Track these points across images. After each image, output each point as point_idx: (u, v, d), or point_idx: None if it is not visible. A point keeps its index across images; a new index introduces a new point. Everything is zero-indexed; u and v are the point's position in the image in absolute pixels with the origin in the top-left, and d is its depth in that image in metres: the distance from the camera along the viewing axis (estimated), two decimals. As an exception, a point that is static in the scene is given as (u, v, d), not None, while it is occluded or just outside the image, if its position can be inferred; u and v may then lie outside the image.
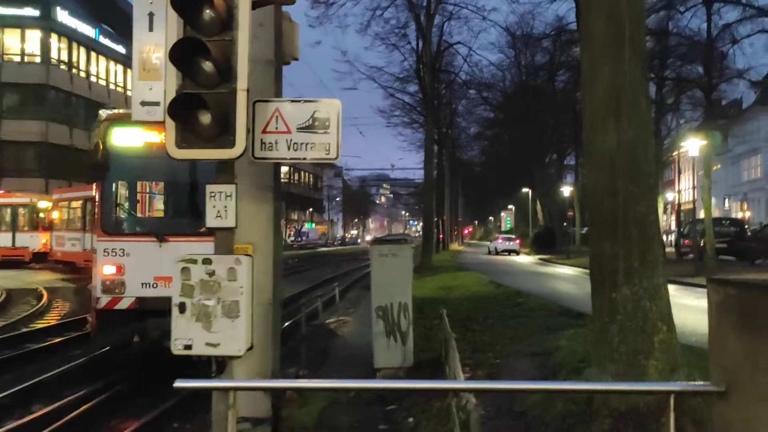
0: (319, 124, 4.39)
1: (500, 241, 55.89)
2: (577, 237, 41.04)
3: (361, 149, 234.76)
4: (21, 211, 33.28)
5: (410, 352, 8.08)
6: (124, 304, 8.89)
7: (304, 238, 69.92)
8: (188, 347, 4.15)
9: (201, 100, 3.90)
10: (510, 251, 51.35)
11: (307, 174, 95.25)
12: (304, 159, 4.41)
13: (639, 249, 4.61)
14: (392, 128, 52.12)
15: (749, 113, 53.65)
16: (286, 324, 13.47)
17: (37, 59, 46.42)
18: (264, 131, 4.39)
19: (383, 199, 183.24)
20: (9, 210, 33.18)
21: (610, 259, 4.80)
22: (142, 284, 8.86)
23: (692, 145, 24.53)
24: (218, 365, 4.34)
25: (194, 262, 4.16)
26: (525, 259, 44.49)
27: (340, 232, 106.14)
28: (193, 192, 9.37)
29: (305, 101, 4.48)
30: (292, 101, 4.50)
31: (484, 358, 8.05)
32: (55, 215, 29.76)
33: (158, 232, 9.05)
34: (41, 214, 32.60)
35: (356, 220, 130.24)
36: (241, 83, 4.03)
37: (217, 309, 4.16)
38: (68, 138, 47.34)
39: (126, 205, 9.94)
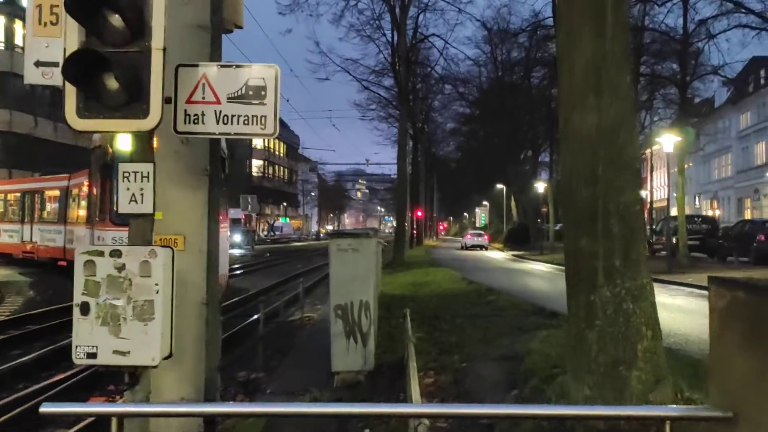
0: (254, 94, 3.75)
1: (469, 237, 57.72)
2: (551, 233, 40.83)
3: (336, 143, 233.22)
4: None
5: (371, 355, 7.48)
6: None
7: (277, 232, 68.90)
8: (92, 356, 3.49)
9: (104, 60, 3.23)
10: (479, 246, 53.07)
11: (281, 168, 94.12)
12: (236, 134, 3.76)
13: (621, 245, 4.04)
14: (368, 122, 51.52)
15: (720, 112, 54.09)
16: (247, 322, 12.86)
17: (1, 46, 44.87)
18: (189, 101, 3.74)
19: (359, 194, 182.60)
20: None
21: (589, 256, 4.22)
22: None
23: (667, 142, 24.29)
24: (131, 377, 3.68)
25: (100, 254, 3.50)
26: (499, 255, 44.22)
27: (315, 227, 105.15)
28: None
29: (237, 66, 3.84)
30: (222, 66, 3.85)
31: (450, 361, 7.48)
32: None
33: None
34: None
35: (332, 215, 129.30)
36: (157, 41, 3.37)
37: (128, 310, 3.50)
38: (33, 127, 45.89)
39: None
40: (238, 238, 51.10)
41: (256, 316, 10.96)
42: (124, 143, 7.77)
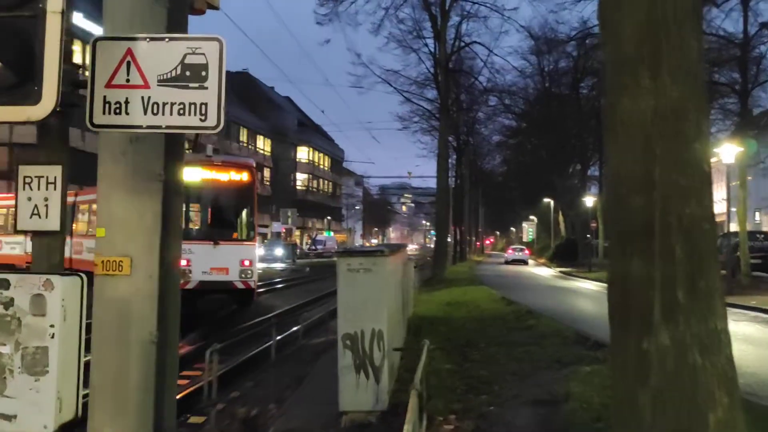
0: (192, 75, 2.89)
1: (510, 251, 58.80)
2: (600, 249, 39.05)
3: (376, 155, 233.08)
4: None
5: (385, 392, 6.50)
6: (191, 285, 13.86)
7: (320, 246, 68.42)
8: (-32, 419, 2.64)
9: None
10: (520, 261, 53.59)
11: (325, 182, 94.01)
12: (168, 128, 2.89)
13: (686, 271, 2.94)
14: (410, 135, 50.63)
15: (784, 123, 51.18)
16: (268, 344, 12.04)
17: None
18: (109, 84, 2.90)
19: (404, 208, 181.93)
20: None
21: (641, 284, 3.10)
22: (202, 272, 14.12)
23: (727, 153, 22.60)
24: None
25: (-18, 285, 2.65)
26: (545, 272, 42.61)
27: (359, 241, 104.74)
28: (232, 210, 15.55)
29: (171, 39, 2.97)
30: (152, 39, 2.99)
31: (477, 402, 6.45)
32: None
33: (213, 237, 14.47)
34: None
35: (376, 229, 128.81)
36: (54, 2, 2.52)
37: (15, 360, 2.65)
38: (81, 141, 46.67)
39: (190, 218, 14.76)
40: (279, 251, 50.79)
41: (269, 342, 10.12)
42: (186, 174, 10.14)
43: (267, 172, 74.29)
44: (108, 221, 3.77)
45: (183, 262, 11.60)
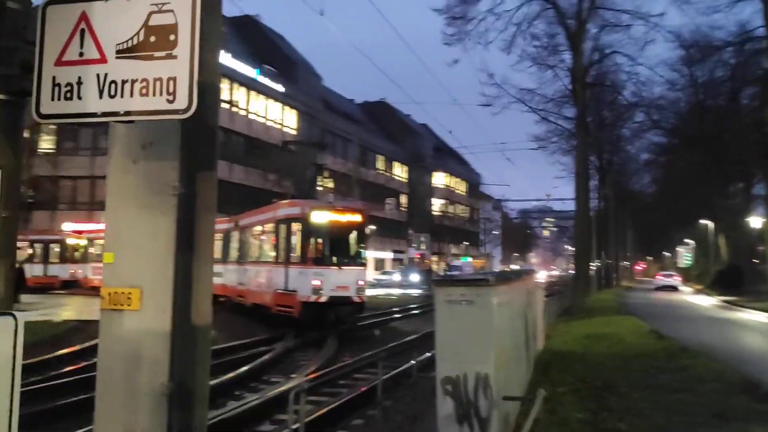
0: (159, 40, 2.19)
1: (659, 277, 55.51)
2: (771, 276, 34.63)
3: (510, 177, 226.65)
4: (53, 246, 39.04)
5: (493, 450, 5.40)
6: (322, 299, 18.04)
7: (456, 272, 67.27)
8: None
9: None
10: (669, 287, 50.54)
11: (461, 206, 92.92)
12: (126, 114, 2.16)
13: None
14: (548, 156, 48.27)
15: None
16: (391, 373, 11.25)
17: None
18: (59, 61, 2.24)
19: (546, 232, 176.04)
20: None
21: None
22: (330, 289, 18.10)
23: None
24: None
25: None
26: (703, 301, 38.48)
27: (498, 267, 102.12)
28: (350, 243, 19.43)
29: (132, -4, 2.25)
30: (110, -2, 2.28)
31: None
32: (92, 249, 35.03)
33: (338, 264, 18.58)
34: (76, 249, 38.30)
35: (516, 254, 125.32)
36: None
37: None
38: (228, 173, 49.29)
39: (321, 249, 19.04)
40: (415, 277, 50.33)
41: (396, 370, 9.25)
42: (316, 216, 18.88)
43: (403, 199, 74.61)
44: (116, 244, 3.13)
45: (317, 282, 18.03)
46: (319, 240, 18.98)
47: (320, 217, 18.90)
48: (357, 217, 19.88)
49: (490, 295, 5.46)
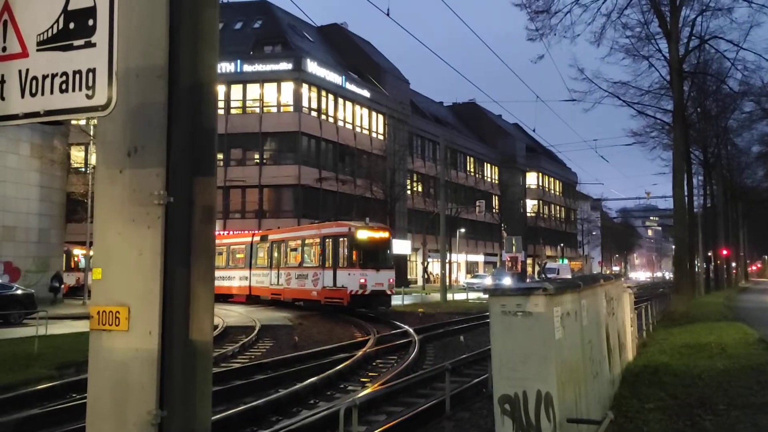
0: (77, 27, 1.91)
1: None
2: None
3: (604, 175, 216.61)
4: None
5: (558, 477, 4.87)
6: (366, 292, 25.70)
7: (552, 274, 65.15)
8: None
9: None
10: None
11: (557, 207, 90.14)
12: (47, 114, 1.92)
13: None
14: (647, 152, 45.85)
15: None
16: (472, 381, 10.81)
17: (291, 108, 50.11)
18: (-19, 58, 1.97)
19: (650, 232, 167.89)
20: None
21: None
22: (370, 285, 25.64)
23: None
24: None
25: None
26: (828, 305, 35.04)
27: (597, 269, 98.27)
28: (383, 251, 27.14)
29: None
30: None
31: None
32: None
33: (376, 267, 26.14)
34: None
35: (617, 255, 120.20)
36: None
37: None
38: (318, 180, 50.16)
39: (364, 257, 26.39)
40: (507, 281, 49.10)
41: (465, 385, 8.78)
42: (360, 233, 27.18)
43: (495, 200, 73.22)
44: (104, 259, 2.91)
45: (363, 280, 25.73)
46: (363, 250, 26.53)
47: (362, 234, 26.72)
48: (386, 234, 27.92)
49: (549, 306, 4.92)
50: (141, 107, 2.80)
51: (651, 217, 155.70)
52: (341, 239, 26.94)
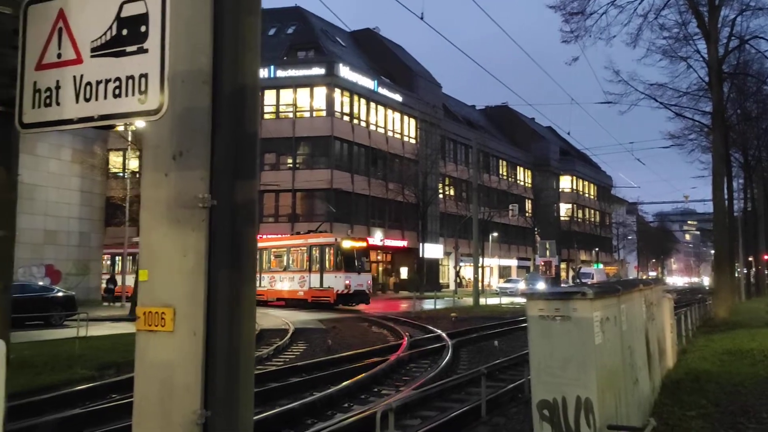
0: (130, 33, 1.95)
1: None
2: None
3: (642, 178, 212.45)
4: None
5: (598, 485, 4.80)
6: (350, 290, 31.91)
7: (586, 279, 64.26)
8: None
9: None
10: None
11: (591, 211, 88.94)
12: (100, 118, 1.96)
13: None
14: (685, 154, 44.90)
15: None
16: (507, 386, 10.72)
17: (323, 113, 50.46)
18: (39, 65, 2.07)
19: (687, 236, 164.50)
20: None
21: None
22: (354, 285, 31.92)
23: None
24: None
25: None
26: None
27: (633, 273, 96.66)
28: (363, 258, 34.00)
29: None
30: (86, -8, 2.09)
31: None
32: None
33: (358, 270, 32.86)
34: None
35: (654, 260, 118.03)
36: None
37: None
38: (350, 184, 50.39)
39: (348, 262, 32.26)
40: (540, 285, 48.62)
41: (496, 392, 8.73)
42: (345, 245, 34.32)
43: (528, 204, 72.58)
44: (150, 261, 2.96)
45: (348, 281, 31.83)
46: (346, 257, 32.21)
47: (346, 243, 32.74)
48: (364, 243, 34.69)
49: (589, 310, 4.86)
50: (186, 112, 2.85)
51: (689, 221, 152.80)
52: (327, 248, 32.97)
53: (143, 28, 2.00)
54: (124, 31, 2.04)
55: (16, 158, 2.21)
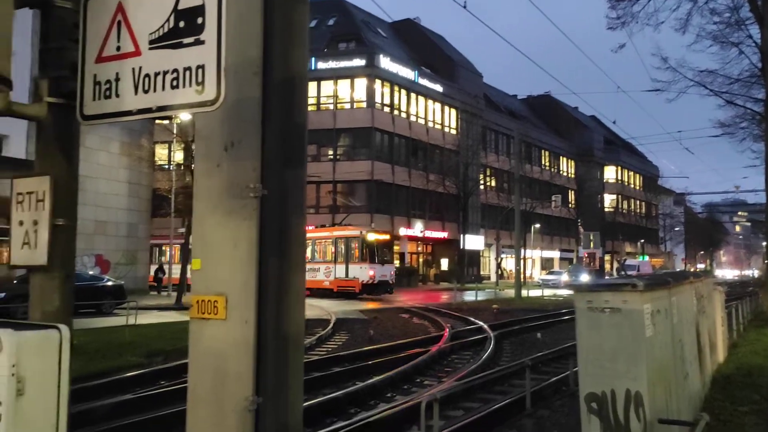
0: (187, 25, 1.97)
1: None
2: None
3: (691, 168, 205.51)
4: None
5: (648, 480, 4.72)
6: (375, 281, 33.44)
7: (631, 272, 63.00)
8: None
9: None
10: None
11: (637, 201, 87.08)
12: (159, 109, 1.99)
13: None
14: (736, 143, 43.53)
15: None
16: (551, 379, 10.60)
17: (364, 104, 50.53)
18: (99, 58, 2.11)
19: (738, 227, 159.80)
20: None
21: None
22: (378, 276, 33.44)
23: None
24: None
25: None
26: None
27: (680, 266, 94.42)
28: (388, 251, 36.14)
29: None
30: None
31: None
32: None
33: (382, 262, 34.60)
34: None
35: (702, 252, 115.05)
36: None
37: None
38: (390, 175, 50.43)
39: (373, 254, 34.03)
40: (584, 277, 47.93)
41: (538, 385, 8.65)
42: (371, 236, 36.31)
43: (571, 195, 71.46)
44: (203, 251, 3.02)
45: (372, 272, 33.41)
46: (372, 249, 33.79)
47: (370, 236, 34.22)
48: (388, 236, 36.12)
49: (639, 302, 4.76)
50: (237, 103, 2.89)
51: (739, 212, 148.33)
52: (353, 240, 34.54)
53: (200, 20, 2.02)
54: (181, 23, 2.07)
55: (77, 150, 2.28)
